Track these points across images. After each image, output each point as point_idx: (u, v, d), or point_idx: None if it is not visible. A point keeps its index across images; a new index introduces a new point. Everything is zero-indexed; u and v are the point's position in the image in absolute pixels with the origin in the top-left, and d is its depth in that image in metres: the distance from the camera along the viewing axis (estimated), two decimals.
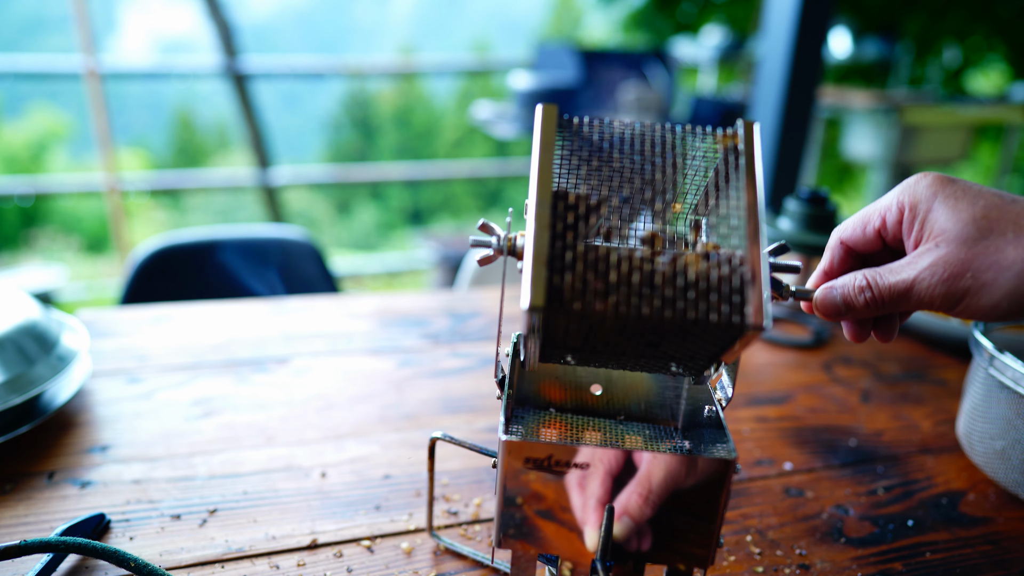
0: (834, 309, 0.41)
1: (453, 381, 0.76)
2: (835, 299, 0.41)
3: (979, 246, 0.37)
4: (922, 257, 0.38)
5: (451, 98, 7.84)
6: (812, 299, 0.42)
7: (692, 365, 0.37)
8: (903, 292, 0.38)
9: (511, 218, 0.38)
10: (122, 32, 8.48)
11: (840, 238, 0.43)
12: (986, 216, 0.37)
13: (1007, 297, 0.36)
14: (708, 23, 5.12)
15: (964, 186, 0.39)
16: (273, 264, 1.34)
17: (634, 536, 0.37)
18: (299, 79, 7.42)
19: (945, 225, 0.38)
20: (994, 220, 0.37)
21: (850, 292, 0.40)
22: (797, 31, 1.84)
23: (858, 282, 0.40)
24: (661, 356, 0.36)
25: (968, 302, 0.37)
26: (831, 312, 0.41)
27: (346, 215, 7.17)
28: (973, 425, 0.62)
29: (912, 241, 0.40)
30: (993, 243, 0.37)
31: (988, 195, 0.38)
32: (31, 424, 0.60)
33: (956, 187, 0.39)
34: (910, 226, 0.40)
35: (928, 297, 0.38)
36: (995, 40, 4.95)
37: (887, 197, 0.41)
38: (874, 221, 0.41)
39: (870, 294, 0.39)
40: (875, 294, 0.39)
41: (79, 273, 4.92)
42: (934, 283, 0.37)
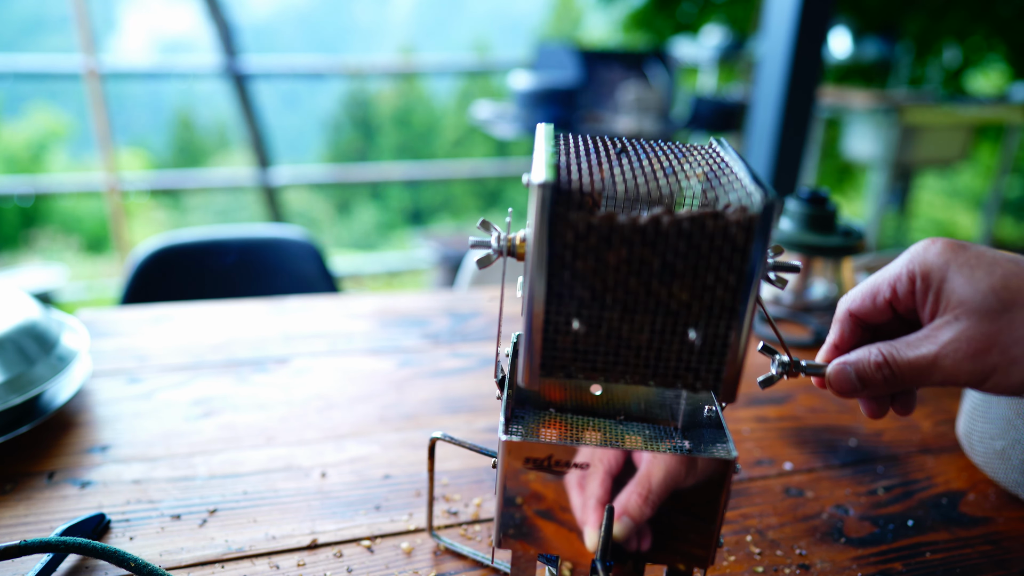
0: (850, 387, 0.39)
1: (453, 381, 0.76)
2: (850, 377, 0.39)
3: (1003, 320, 0.35)
4: (942, 331, 0.36)
5: (451, 98, 7.84)
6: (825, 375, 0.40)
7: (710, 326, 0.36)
8: (925, 368, 0.37)
9: (511, 218, 0.38)
10: (122, 32, 8.48)
11: (849, 309, 0.41)
12: (1006, 287, 0.35)
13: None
14: (708, 23, 5.12)
15: (977, 252, 0.37)
16: (273, 264, 1.34)
17: (634, 536, 0.37)
18: (299, 79, 7.41)
19: (963, 296, 0.36)
20: (1015, 291, 0.35)
21: (867, 369, 0.38)
22: (797, 31, 1.84)
23: (874, 358, 0.38)
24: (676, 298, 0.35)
25: (997, 380, 0.36)
26: (846, 390, 0.39)
27: (346, 215, 7.16)
28: (973, 425, 0.62)
29: (928, 312, 0.38)
30: (1017, 316, 0.35)
31: (1004, 262, 0.36)
32: (31, 424, 0.60)
33: (969, 254, 0.37)
34: (923, 296, 0.38)
35: (954, 374, 0.36)
36: (995, 40, 4.95)
37: (895, 266, 0.39)
38: (884, 292, 0.39)
39: (888, 371, 0.38)
40: (894, 371, 0.37)
41: (79, 273, 4.92)
42: (959, 359, 0.36)
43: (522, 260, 0.37)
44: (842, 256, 0.87)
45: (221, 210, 6.60)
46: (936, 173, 5.44)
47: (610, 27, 6.37)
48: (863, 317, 0.41)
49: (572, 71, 3.15)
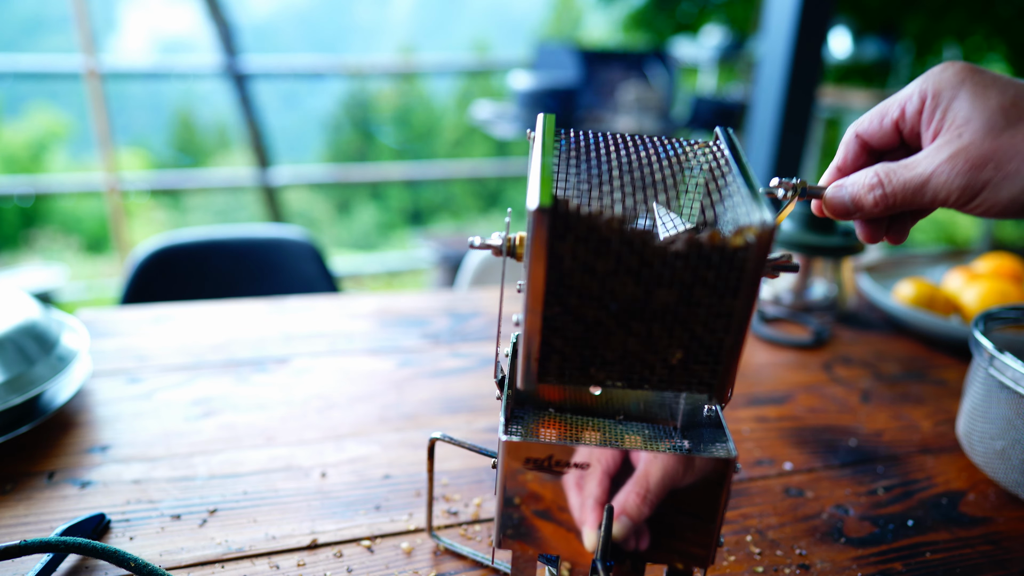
0: (842, 208, 0.38)
1: (453, 381, 0.76)
2: (843, 198, 0.38)
3: (1005, 135, 0.33)
4: (941, 150, 0.35)
5: (451, 98, 7.84)
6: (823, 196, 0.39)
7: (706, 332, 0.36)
8: (917, 188, 0.35)
9: (510, 218, 0.38)
10: (122, 32, 8.48)
11: (856, 132, 0.40)
12: (1015, 104, 0.34)
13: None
14: (708, 23, 5.12)
15: (992, 75, 0.36)
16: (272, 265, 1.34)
17: (633, 536, 0.37)
18: (299, 79, 7.41)
19: (970, 114, 0.35)
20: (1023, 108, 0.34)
21: (860, 190, 0.37)
22: (797, 31, 1.84)
23: (869, 179, 0.37)
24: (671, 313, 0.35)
25: (986, 195, 0.34)
26: (839, 211, 0.39)
27: (346, 215, 7.16)
28: (973, 425, 0.62)
29: (931, 132, 0.36)
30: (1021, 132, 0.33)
31: (1018, 84, 0.35)
32: (31, 424, 0.60)
33: (984, 76, 0.36)
34: (931, 116, 0.36)
35: (945, 191, 0.35)
36: (995, 40, 4.95)
37: (909, 87, 0.38)
38: (893, 112, 0.38)
39: (880, 192, 0.37)
40: (886, 191, 0.36)
41: (79, 273, 4.92)
42: (952, 175, 0.34)
43: (521, 260, 0.37)
44: (842, 256, 0.87)
45: (221, 210, 6.60)
46: None
47: (610, 27, 6.37)
48: (869, 139, 0.40)
49: (572, 71, 3.15)
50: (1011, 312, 0.67)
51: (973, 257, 1.16)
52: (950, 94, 0.36)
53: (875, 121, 0.39)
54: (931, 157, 0.35)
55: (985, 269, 1.03)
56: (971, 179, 0.34)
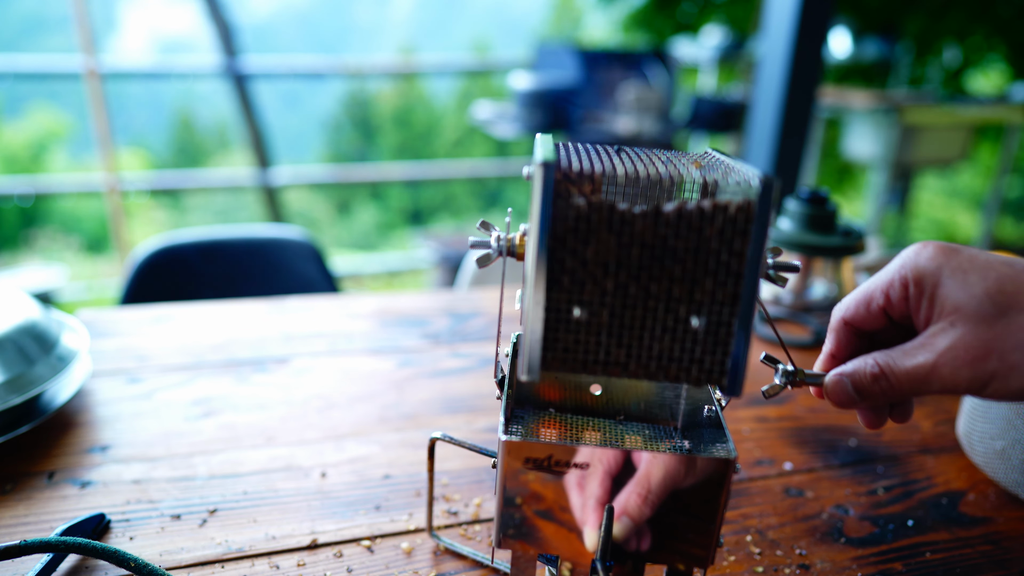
0: (847, 399, 0.38)
1: (453, 381, 0.76)
2: (847, 389, 0.38)
3: (999, 325, 0.34)
4: (938, 338, 0.36)
5: (451, 98, 7.84)
6: (823, 385, 0.40)
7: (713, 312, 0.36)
8: (923, 377, 0.36)
9: (511, 218, 0.38)
10: (122, 32, 8.48)
11: (843, 318, 0.40)
12: (1001, 291, 0.35)
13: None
14: (708, 23, 5.12)
15: (970, 256, 0.36)
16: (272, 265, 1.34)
17: (633, 536, 0.37)
18: (299, 79, 7.41)
19: (958, 301, 0.35)
20: (1010, 295, 0.34)
21: (863, 380, 0.38)
22: (797, 31, 1.84)
23: (870, 369, 0.37)
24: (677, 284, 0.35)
25: (996, 386, 0.35)
26: (844, 402, 0.39)
27: (346, 215, 7.16)
28: (973, 425, 0.62)
29: (923, 318, 0.37)
30: (1015, 321, 0.34)
31: (998, 265, 0.36)
32: (31, 424, 0.60)
33: (962, 258, 0.36)
34: (917, 302, 0.37)
35: (952, 382, 0.35)
36: (995, 40, 4.95)
37: (887, 272, 0.39)
38: (877, 299, 0.39)
39: (886, 382, 0.37)
40: (891, 381, 0.37)
41: (79, 273, 4.92)
42: (958, 367, 0.35)
43: (522, 260, 0.37)
44: (842, 256, 0.87)
45: (221, 210, 6.60)
46: (936, 173, 5.44)
47: (610, 27, 6.37)
48: (858, 325, 0.40)
49: (572, 71, 3.15)
50: None
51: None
52: (932, 280, 0.36)
53: (861, 308, 0.40)
54: (928, 346, 0.36)
55: None
56: (977, 371, 0.35)
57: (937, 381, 0.36)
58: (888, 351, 0.38)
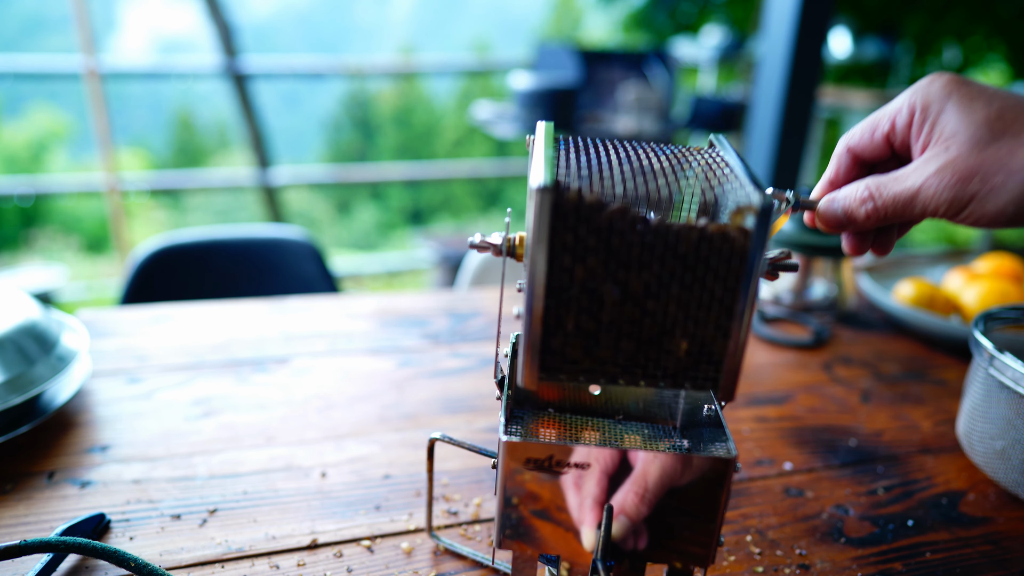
0: (835, 221, 0.39)
1: (453, 381, 0.76)
2: (836, 211, 0.39)
3: (991, 149, 0.34)
4: (929, 163, 0.36)
5: (451, 98, 7.84)
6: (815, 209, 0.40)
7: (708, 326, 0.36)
8: (907, 201, 0.36)
9: (510, 218, 0.38)
10: (122, 32, 8.48)
11: (847, 145, 0.41)
12: (1001, 117, 0.35)
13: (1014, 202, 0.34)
14: (708, 23, 5.12)
15: (979, 87, 0.36)
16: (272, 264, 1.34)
17: (633, 535, 0.37)
18: (299, 79, 7.41)
19: (957, 127, 0.35)
20: (1009, 121, 0.34)
21: (852, 204, 0.38)
22: (797, 31, 1.84)
23: (860, 193, 0.38)
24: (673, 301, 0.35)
25: (973, 207, 0.35)
26: (832, 224, 0.39)
27: (346, 215, 7.16)
28: (973, 425, 0.62)
29: (920, 145, 0.37)
30: (1006, 145, 0.34)
31: (1004, 96, 0.36)
32: (31, 424, 0.60)
33: (971, 88, 0.36)
34: (919, 129, 0.37)
35: (934, 204, 0.36)
36: (995, 40, 4.95)
37: (897, 100, 0.39)
38: (883, 125, 0.39)
39: (871, 205, 0.38)
40: (877, 204, 0.37)
41: (79, 273, 4.92)
42: (941, 189, 0.35)
43: (521, 261, 0.37)
44: (842, 256, 0.87)
45: (221, 210, 6.60)
46: None
47: (610, 27, 6.37)
48: (860, 152, 0.41)
49: (572, 71, 3.15)
50: (1011, 312, 0.67)
51: (973, 257, 1.16)
52: (938, 107, 0.37)
53: (866, 134, 0.40)
54: (920, 170, 0.36)
55: (985, 269, 1.03)
56: (959, 192, 0.35)
57: (920, 203, 0.36)
58: (880, 176, 0.38)
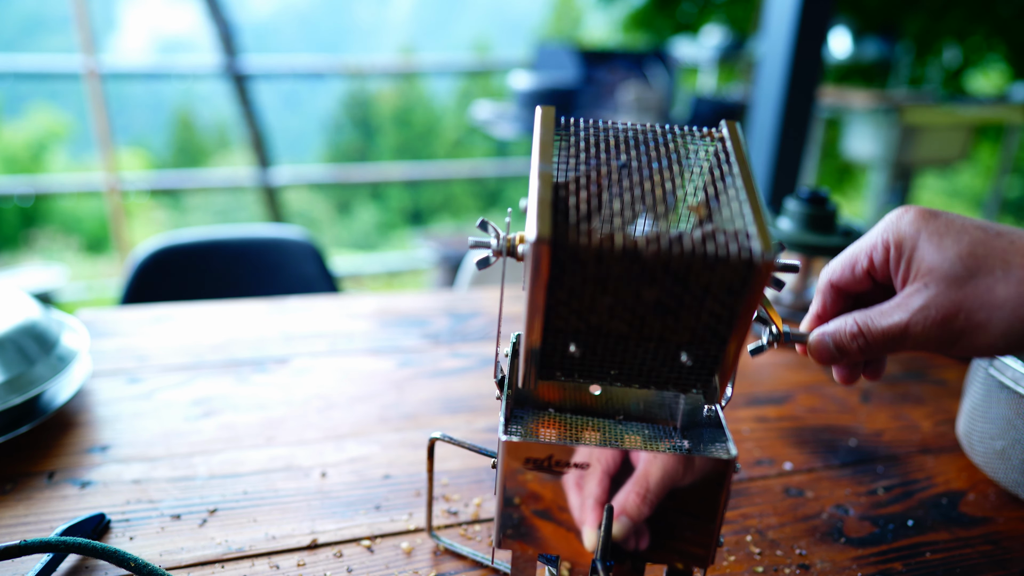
0: (828, 356, 0.41)
1: (453, 381, 0.76)
2: (828, 346, 0.40)
3: (968, 286, 0.36)
4: (911, 298, 0.38)
5: (451, 98, 7.84)
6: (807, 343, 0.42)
7: (702, 349, 0.36)
8: (897, 336, 0.38)
9: (511, 218, 0.38)
10: (122, 32, 8.48)
11: (830, 280, 0.43)
12: (972, 253, 0.37)
13: (1003, 336, 0.36)
14: (708, 23, 5.12)
15: (947, 220, 0.38)
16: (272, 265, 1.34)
17: (633, 536, 0.37)
18: (299, 79, 7.41)
19: (932, 263, 0.37)
20: (981, 257, 0.36)
21: (843, 339, 0.40)
22: (797, 31, 1.84)
23: (849, 328, 0.40)
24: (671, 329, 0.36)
25: (964, 343, 0.37)
26: (825, 359, 0.41)
27: (346, 215, 7.17)
28: (973, 425, 0.62)
29: (900, 279, 0.39)
30: (982, 282, 0.36)
31: (972, 229, 0.37)
32: (31, 424, 0.60)
33: (939, 222, 0.38)
34: (896, 264, 0.39)
35: (924, 340, 0.37)
36: (995, 40, 4.95)
37: (871, 235, 0.41)
38: (862, 262, 0.41)
39: (863, 340, 0.39)
40: (868, 340, 0.39)
41: (79, 273, 4.92)
42: (928, 326, 0.37)
43: (521, 260, 0.37)
44: None
45: (221, 210, 6.60)
46: (936, 173, 5.44)
47: (610, 27, 6.37)
48: (844, 287, 0.42)
49: (572, 71, 3.15)
50: None
51: None
52: (911, 243, 0.38)
53: (847, 271, 0.42)
54: (903, 306, 0.38)
55: None
56: (946, 330, 0.37)
57: (910, 339, 0.38)
58: (867, 311, 0.40)
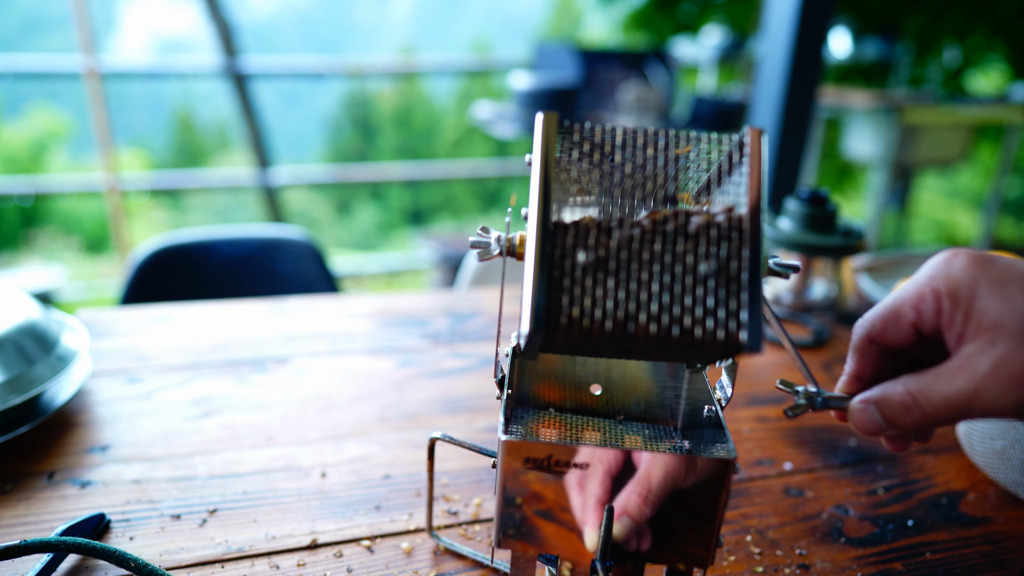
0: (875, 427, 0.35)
1: (453, 381, 0.76)
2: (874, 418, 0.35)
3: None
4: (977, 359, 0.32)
5: (451, 98, 7.84)
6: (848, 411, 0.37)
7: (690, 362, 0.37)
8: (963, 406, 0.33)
9: (510, 218, 0.38)
10: (122, 31, 8.49)
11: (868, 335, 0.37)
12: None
13: None
14: (708, 23, 5.12)
15: (1006, 266, 0.33)
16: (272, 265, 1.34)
17: (633, 536, 0.37)
18: (299, 79, 7.41)
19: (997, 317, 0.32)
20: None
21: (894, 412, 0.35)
22: (797, 31, 1.84)
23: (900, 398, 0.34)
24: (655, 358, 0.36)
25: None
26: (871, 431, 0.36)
27: (346, 215, 7.17)
28: (973, 425, 0.62)
29: (955, 335, 0.34)
30: None
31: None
32: (31, 424, 0.60)
33: (998, 268, 0.33)
34: (951, 318, 0.34)
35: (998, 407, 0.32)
36: (995, 40, 4.95)
37: (916, 284, 0.35)
38: (908, 314, 0.36)
39: (919, 412, 0.34)
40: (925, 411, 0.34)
41: (79, 273, 4.92)
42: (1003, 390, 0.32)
43: (522, 260, 0.37)
44: (842, 256, 0.87)
45: (221, 210, 6.60)
46: (936, 173, 5.45)
47: (610, 27, 6.38)
48: (885, 343, 0.37)
49: (572, 71, 3.15)
50: None
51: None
52: (967, 293, 0.33)
53: (889, 325, 0.36)
54: (968, 370, 0.33)
55: None
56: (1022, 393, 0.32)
57: (980, 406, 0.33)
58: (919, 375, 0.34)
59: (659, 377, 0.45)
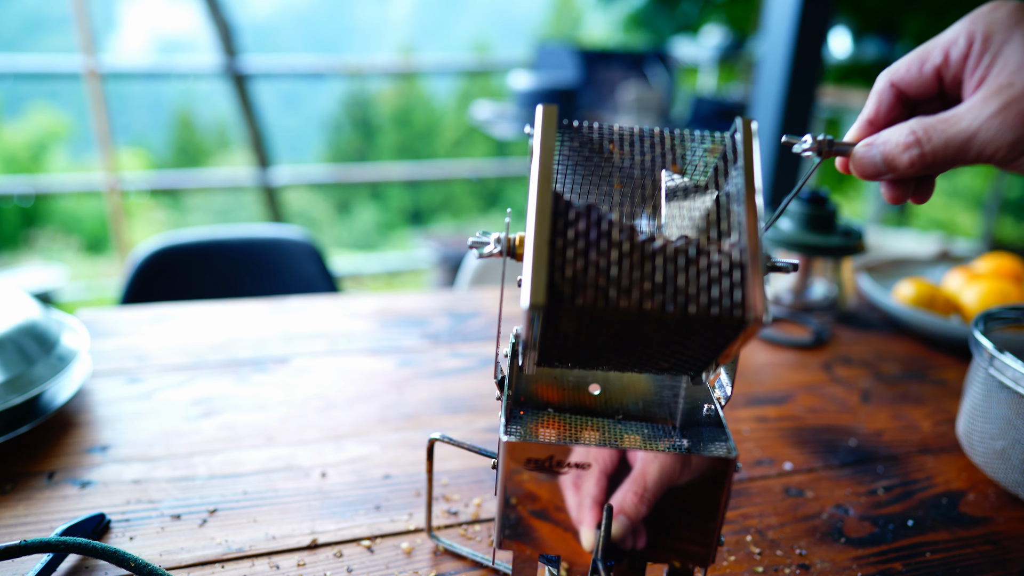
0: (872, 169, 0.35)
1: (453, 381, 0.76)
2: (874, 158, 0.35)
3: None
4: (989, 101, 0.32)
5: (451, 98, 7.84)
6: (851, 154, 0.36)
7: (692, 364, 0.37)
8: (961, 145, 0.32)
9: (510, 218, 0.38)
10: (122, 32, 8.49)
11: (890, 80, 0.36)
12: None
13: None
14: (708, 23, 5.12)
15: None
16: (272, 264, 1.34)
17: (633, 535, 0.37)
18: (299, 79, 7.41)
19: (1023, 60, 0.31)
20: None
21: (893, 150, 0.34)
22: (797, 31, 1.84)
23: (904, 138, 0.34)
24: (661, 355, 0.36)
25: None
26: (868, 172, 0.36)
27: (346, 215, 7.16)
28: (973, 425, 0.62)
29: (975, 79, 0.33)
30: None
31: None
32: (31, 424, 0.60)
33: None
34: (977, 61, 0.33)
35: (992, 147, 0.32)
36: None
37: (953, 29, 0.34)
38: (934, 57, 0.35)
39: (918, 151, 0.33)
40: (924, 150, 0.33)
41: (79, 273, 4.92)
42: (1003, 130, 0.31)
43: (521, 260, 0.37)
44: (842, 256, 0.87)
45: (221, 210, 6.60)
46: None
47: (610, 27, 6.38)
48: (905, 88, 0.36)
49: (572, 71, 3.15)
50: (1011, 312, 0.67)
51: (973, 257, 1.15)
52: (1002, 37, 0.32)
53: (913, 68, 0.36)
54: (977, 109, 0.32)
55: (985, 269, 1.03)
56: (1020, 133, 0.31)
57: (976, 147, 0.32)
58: (927, 118, 0.34)
59: (658, 377, 0.45)
